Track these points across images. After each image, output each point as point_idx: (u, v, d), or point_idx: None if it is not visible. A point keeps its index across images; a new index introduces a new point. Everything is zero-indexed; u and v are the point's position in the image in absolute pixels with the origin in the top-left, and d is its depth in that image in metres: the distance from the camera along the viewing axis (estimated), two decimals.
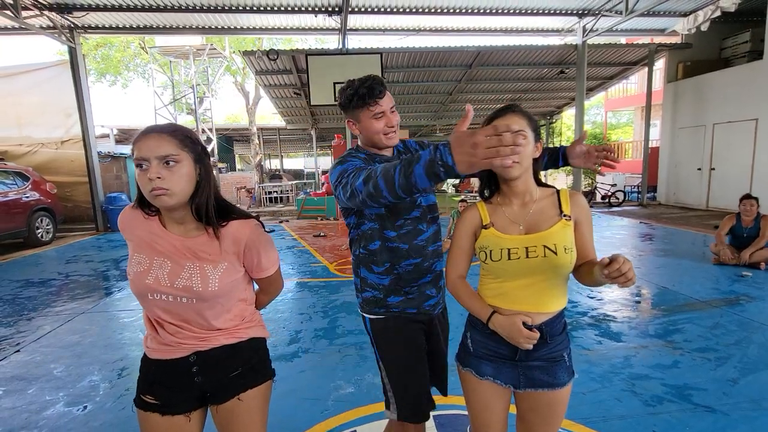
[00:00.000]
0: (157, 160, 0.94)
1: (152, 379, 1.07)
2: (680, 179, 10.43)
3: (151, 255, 1.03)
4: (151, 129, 0.98)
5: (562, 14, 9.03)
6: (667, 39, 10.63)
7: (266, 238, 1.11)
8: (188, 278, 1.01)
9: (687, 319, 3.20)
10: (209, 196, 1.02)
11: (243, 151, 24.39)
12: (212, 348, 1.07)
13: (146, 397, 1.06)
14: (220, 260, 1.04)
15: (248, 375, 1.11)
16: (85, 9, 7.86)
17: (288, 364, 2.68)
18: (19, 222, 6.97)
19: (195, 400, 1.09)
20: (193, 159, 0.99)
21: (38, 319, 3.66)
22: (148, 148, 0.94)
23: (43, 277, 5.20)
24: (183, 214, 1.02)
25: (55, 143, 9.79)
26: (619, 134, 22.22)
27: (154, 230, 1.04)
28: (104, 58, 17.69)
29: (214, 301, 1.04)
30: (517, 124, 1.07)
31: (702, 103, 9.66)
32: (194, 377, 1.07)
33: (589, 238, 1.16)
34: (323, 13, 8.46)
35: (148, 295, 1.02)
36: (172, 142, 0.96)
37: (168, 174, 0.95)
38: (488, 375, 1.17)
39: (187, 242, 1.03)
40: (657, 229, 7.35)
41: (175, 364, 1.06)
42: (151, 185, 0.94)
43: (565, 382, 1.13)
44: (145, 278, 1.01)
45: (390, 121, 1.33)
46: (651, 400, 2.13)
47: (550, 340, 1.12)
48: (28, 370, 2.68)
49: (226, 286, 1.05)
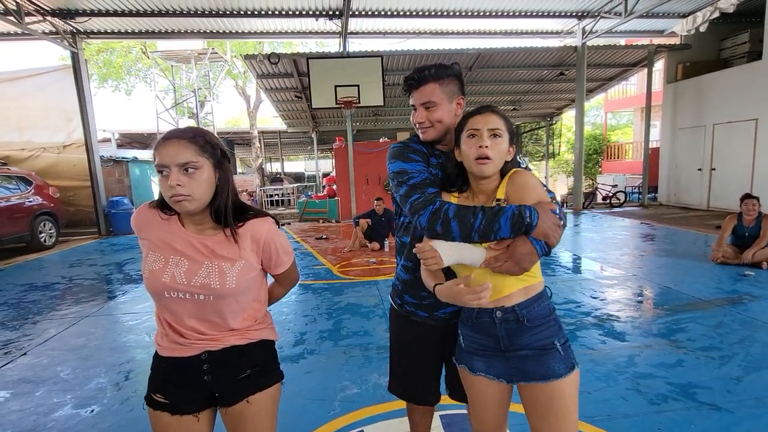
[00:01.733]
0: (177, 167, 0.96)
1: (163, 377, 1.09)
2: (681, 180, 10.45)
3: (168, 253, 1.04)
4: (171, 135, 1.00)
5: (561, 16, 9.08)
6: (666, 40, 10.68)
7: (282, 234, 1.15)
8: (206, 276, 1.03)
9: (690, 318, 3.21)
10: (228, 200, 1.05)
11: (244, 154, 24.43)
12: (223, 348, 1.08)
13: (157, 396, 1.08)
14: (237, 258, 1.06)
15: (257, 377, 1.12)
16: (88, 14, 7.91)
17: (294, 365, 2.69)
18: (22, 226, 7.00)
19: (204, 400, 1.11)
20: (213, 164, 1.02)
21: (43, 322, 3.68)
22: (168, 155, 0.96)
23: (46, 281, 5.22)
24: (202, 216, 1.05)
25: (57, 148, 9.83)
26: (619, 135, 22.25)
27: (172, 229, 1.06)
28: (106, 63, 17.77)
29: (231, 299, 1.06)
30: (494, 123, 1.11)
31: (702, 103, 9.69)
32: (204, 376, 1.08)
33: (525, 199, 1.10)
34: (324, 17, 8.51)
35: (165, 293, 1.03)
36: (192, 148, 0.98)
37: (188, 180, 0.97)
38: (480, 370, 1.18)
39: (204, 240, 1.05)
40: (658, 230, 7.36)
41: (185, 362, 1.07)
42: (172, 191, 0.96)
43: (561, 374, 1.08)
44: (161, 276, 1.02)
45: (418, 116, 1.27)
46: (656, 399, 2.14)
47: (528, 323, 1.10)
48: (36, 373, 2.70)
49: (243, 283, 1.06)
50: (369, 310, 3.67)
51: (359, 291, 4.27)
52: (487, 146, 1.10)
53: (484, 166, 1.10)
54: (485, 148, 1.10)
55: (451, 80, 1.27)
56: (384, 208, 6.43)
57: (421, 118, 1.26)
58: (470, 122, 1.15)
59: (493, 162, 1.10)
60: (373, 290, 4.26)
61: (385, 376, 2.46)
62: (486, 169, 1.11)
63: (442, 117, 1.25)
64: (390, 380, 1.53)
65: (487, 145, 1.10)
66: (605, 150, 18.68)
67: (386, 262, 5.50)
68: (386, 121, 15.85)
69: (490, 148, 1.10)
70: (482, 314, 1.15)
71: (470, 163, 1.13)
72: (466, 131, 1.14)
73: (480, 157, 1.10)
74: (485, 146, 1.10)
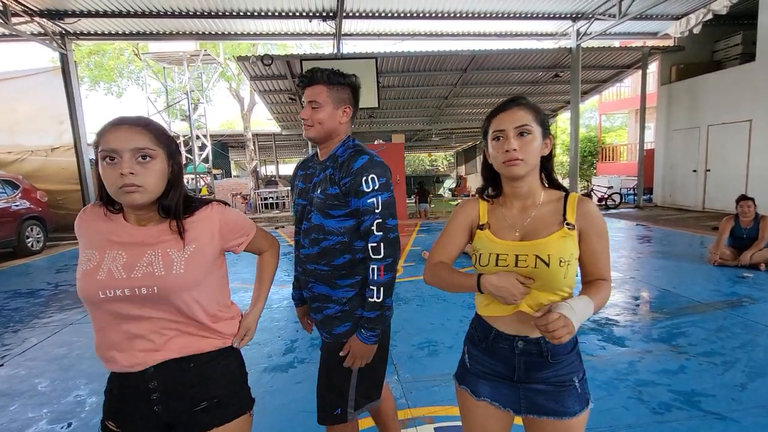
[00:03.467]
0: (129, 153, 0.86)
1: (115, 403, 0.97)
2: (676, 181, 10.46)
3: (104, 248, 0.92)
4: (123, 120, 0.89)
5: (556, 18, 9.07)
6: (660, 42, 10.72)
7: (234, 210, 1.09)
8: (148, 264, 0.91)
9: (690, 322, 3.14)
10: (179, 196, 0.95)
11: (239, 157, 24.29)
12: (168, 360, 0.94)
13: (110, 424, 0.96)
14: (187, 244, 0.95)
15: (216, 410, 0.97)
16: (77, 15, 7.78)
17: (283, 374, 2.59)
18: (9, 231, 6.83)
19: (160, 429, 0.98)
20: (167, 155, 0.92)
21: (24, 331, 3.54)
22: (120, 139, 0.86)
23: (31, 287, 5.07)
24: (147, 211, 0.95)
25: (44, 151, 9.65)
26: (614, 137, 22.37)
27: (113, 225, 0.95)
28: (97, 65, 17.59)
29: (180, 295, 0.93)
30: (521, 119, 0.99)
31: (696, 105, 9.71)
32: (154, 406, 0.94)
33: (598, 254, 1.01)
34: (318, 18, 8.44)
35: (99, 293, 0.88)
36: (147, 135, 0.89)
37: (141, 170, 0.87)
38: (485, 396, 1.07)
39: (149, 230, 0.95)
40: (654, 231, 7.33)
41: (131, 383, 0.94)
42: (122, 181, 0.86)
43: (575, 412, 0.99)
44: (96, 274, 0.89)
45: (303, 113, 1.32)
46: (659, 408, 2.06)
47: (552, 359, 1.00)
48: (11, 386, 2.57)
49: (193, 273, 0.94)
50: None
51: None
52: (515, 149, 0.97)
53: (515, 166, 0.98)
54: (514, 152, 0.97)
55: (342, 88, 1.32)
56: None
57: (305, 115, 1.31)
58: (494, 122, 1.02)
59: (525, 161, 0.98)
60: None
61: None
62: (517, 170, 0.98)
63: (323, 119, 1.29)
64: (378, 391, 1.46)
65: (515, 147, 0.97)
66: (600, 152, 18.74)
67: None
68: (381, 123, 15.80)
69: (519, 150, 0.97)
70: (500, 339, 1.04)
71: (499, 166, 1.02)
72: (491, 133, 1.02)
73: (508, 160, 0.99)
74: (513, 149, 0.97)
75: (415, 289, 4.30)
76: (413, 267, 5.31)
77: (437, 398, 2.22)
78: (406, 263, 5.53)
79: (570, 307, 0.90)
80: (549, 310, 0.90)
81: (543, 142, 1.02)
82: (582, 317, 0.91)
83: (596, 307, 0.96)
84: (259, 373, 2.60)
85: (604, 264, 1.02)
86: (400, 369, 2.58)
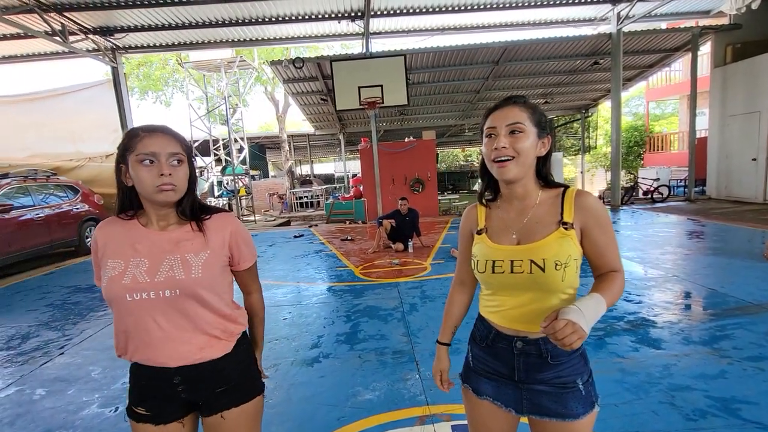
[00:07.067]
0: (166, 156, 0.99)
1: (140, 391, 1.07)
2: (732, 171, 9.64)
3: (128, 257, 1.02)
4: (155, 128, 1.02)
5: (593, 2, 8.64)
6: (713, 21, 9.89)
7: (246, 230, 1.16)
8: (169, 269, 1.01)
9: (737, 324, 2.92)
10: (195, 198, 1.08)
11: (275, 158, 25.11)
12: (195, 364, 1.04)
13: (138, 409, 1.07)
14: (202, 249, 1.05)
15: (233, 393, 1.09)
16: (125, 30, 8.40)
17: (308, 368, 2.69)
18: (71, 232, 7.51)
19: (186, 408, 1.10)
20: (188, 160, 1.04)
21: (83, 323, 3.90)
22: (159, 144, 0.98)
23: (90, 283, 5.54)
24: (168, 211, 1.06)
25: (100, 157, 10.48)
26: (664, 125, 20.88)
27: (133, 232, 1.05)
28: (146, 75, 18.81)
29: (198, 296, 1.02)
30: (513, 117, 0.98)
31: (755, 87, 8.89)
32: (179, 392, 1.06)
33: (604, 246, 0.99)
34: (346, 19, 8.56)
35: (126, 296, 0.98)
36: (176, 142, 1.02)
37: (175, 171, 1.00)
38: (487, 395, 1.07)
39: (169, 234, 1.05)
40: (707, 226, 6.81)
41: (158, 375, 1.04)
42: (161, 180, 0.97)
43: (578, 414, 0.97)
44: (121, 280, 0.99)
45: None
46: (693, 414, 1.95)
47: (552, 360, 0.99)
48: (70, 372, 2.86)
49: (209, 275, 1.04)
50: (387, 312, 3.62)
51: (379, 293, 4.23)
52: (505, 146, 0.96)
53: (504, 168, 0.97)
54: (503, 149, 0.97)
55: None
56: (408, 207, 6.34)
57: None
58: (488, 120, 1.02)
59: (515, 162, 0.96)
60: (393, 292, 4.20)
61: (397, 382, 2.42)
62: (506, 172, 0.97)
63: None
64: None
65: (504, 145, 0.96)
66: (648, 141, 17.61)
67: (409, 264, 5.42)
68: (412, 120, 15.74)
69: (509, 147, 0.96)
70: (499, 339, 1.05)
71: (490, 165, 1.01)
72: (485, 131, 1.02)
73: (497, 159, 0.98)
74: (502, 146, 0.96)
75: (442, 287, 4.28)
76: (441, 264, 5.28)
77: (456, 397, 2.21)
78: (434, 261, 5.51)
79: (578, 310, 0.85)
80: (555, 317, 0.86)
81: (540, 142, 1.00)
82: (593, 318, 0.88)
83: (609, 302, 0.93)
84: (288, 366, 2.72)
85: (613, 255, 0.99)
86: (421, 366, 2.60)
